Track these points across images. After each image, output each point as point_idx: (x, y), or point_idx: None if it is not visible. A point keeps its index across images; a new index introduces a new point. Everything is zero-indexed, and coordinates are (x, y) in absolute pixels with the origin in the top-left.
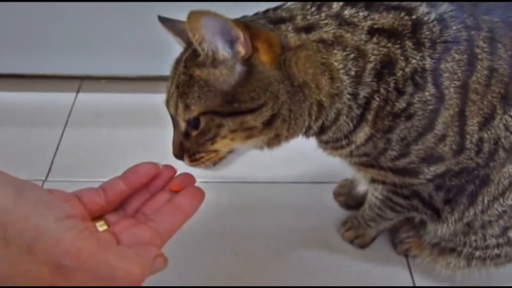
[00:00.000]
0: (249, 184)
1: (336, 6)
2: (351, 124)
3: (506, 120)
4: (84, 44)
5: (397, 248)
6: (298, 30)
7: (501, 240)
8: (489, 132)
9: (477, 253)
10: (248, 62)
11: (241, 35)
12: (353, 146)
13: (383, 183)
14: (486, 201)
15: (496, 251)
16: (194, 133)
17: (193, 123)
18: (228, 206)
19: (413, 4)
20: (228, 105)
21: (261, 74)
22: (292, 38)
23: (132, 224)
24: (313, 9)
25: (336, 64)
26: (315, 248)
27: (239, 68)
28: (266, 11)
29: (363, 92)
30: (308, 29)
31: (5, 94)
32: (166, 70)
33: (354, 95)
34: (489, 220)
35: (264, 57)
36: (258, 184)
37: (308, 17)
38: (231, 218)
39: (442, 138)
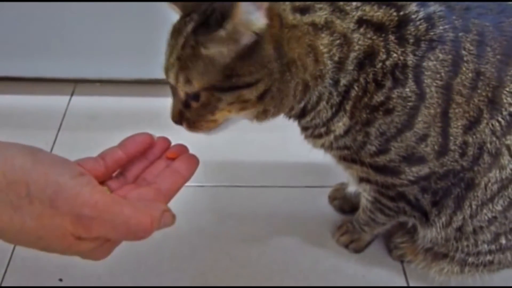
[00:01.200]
0: (244, 188)
1: None
2: (329, 111)
3: (492, 125)
4: (78, 47)
5: (392, 253)
6: (294, 9)
7: (493, 247)
8: (474, 137)
9: (470, 259)
10: (257, 34)
11: (264, 5)
12: (332, 136)
13: (368, 181)
14: (474, 206)
15: (488, 257)
16: (194, 104)
17: (193, 96)
18: (223, 210)
19: (404, 2)
20: (228, 79)
21: (263, 49)
22: (289, 17)
23: (134, 188)
24: None
25: (321, 47)
26: (310, 252)
27: (246, 40)
28: None
29: (344, 80)
30: (304, 10)
31: (0, 97)
32: (161, 74)
33: (335, 81)
34: (480, 226)
35: (270, 30)
36: (253, 189)
37: (307, 2)
38: (226, 223)
39: (423, 138)
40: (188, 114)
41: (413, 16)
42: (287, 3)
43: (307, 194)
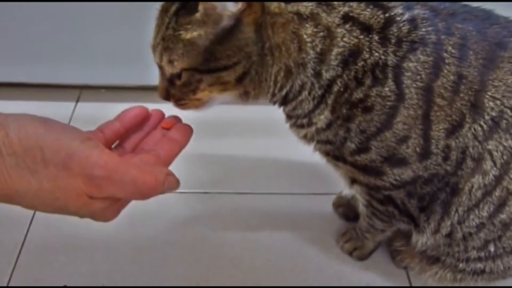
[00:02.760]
0: (248, 195)
1: None
2: (311, 103)
3: (475, 129)
4: (84, 53)
5: (395, 261)
6: None
7: (482, 254)
8: (457, 141)
9: (460, 265)
10: (235, 18)
11: None
12: (314, 128)
13: (355, 181)
14: (461, 212)
15: (479, 265)
16: (177, 82)
17: (177, 75)
18: (227, 217)
19: (392, 4)
20: (207, 62)
21: (240, 33)
22: (273, 4)
23: (134, 156)
24: None
25: (305, 36)
26: (314, 260)
27: (224, 24)
28: None
29: (326, 74)
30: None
31: (4, 102)
32: None
33: (317, 73)
34: (469, 232)
35: (250, 16)
36: (257, 196)
37: None
38: (230, 230)
39: (404, 139)
40: (173, 90)
41: (398, 18)
42: None
43: (311, 201)
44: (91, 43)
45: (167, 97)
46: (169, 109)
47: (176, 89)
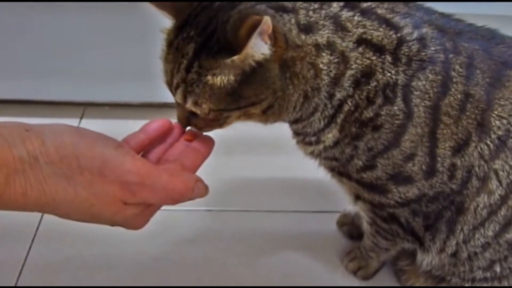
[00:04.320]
0: (252, 213)
1: (336, 6)
2: (322, 122)
3: (481, 148)
4: (88, 70)
5: (400, 280)
6: (299, 28)
7: (488, 274)
8: (462, 159)
9: (466, 285)
10: (264, 59)
11: (270, 28)
12: (322, 146)
13: (358, 197)
14: (466, 231)
15: (485, 285)
16: (202, 116)
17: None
18: (230, 235)
19: (402, 22)
20: (235, 102)
21: (268, 72)
22: (295, 37)
23: (161, 165)
24: (316, 5)
25: (321, 65)
26: (318, 279)
27: (253, 64)
28: None
29: (339, 95)
30: (308, 29)
31: (10, 119)
32: (170, 97)
33: (330, 95)
34: (475, 252)
35: (277, 52)
36: (261, 213)
37: (310, 13)
38: (233, 248)
39: (411, 157)
40: (195, 120)
41: (408, 38)
42: (293, 21)
43: (315, 219)
44: (96, 60)
45: (187, 125)
46: None
47: (200, 120)
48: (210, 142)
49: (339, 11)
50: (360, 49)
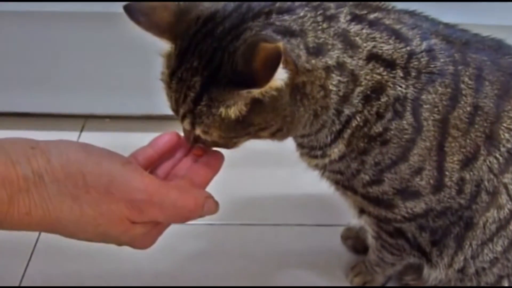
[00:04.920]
0: (255, 226)
1: (343, 20)
2: (328, 138)
3: (490, 161)
4: (88, 82)
5: None
6: (309, 51)
7: None
8: (471, 173)
9: None
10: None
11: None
12: (327, 160)
13: (362, 211)
14: (474, 246)
15: None
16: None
17: None
18: (232, 249)
19: (410, 34)
20: (245, 129)
21: (280, 98)
22: (304, 62)
23: (169, 181)
24: (324, 24)
25: (331, 87)
26: None
27: (270, 95)
28: (268, 13)
29: (347, 111)
30: (317, 52)
31: (9, 132)
32: (170, 110)
33: (339, 112)
34: (483, 267)
35: (288, 78)
36: (264, 227)
37: (319, 34)
38: (236, 263)
39: (418, 171)
40: (203, 141)
41: (417, 50)
42: (301, 46)
43: (319, 233)
44: (96, 72)
45: (195, 144)
46: None
47: (208, 142)
48: (220, 157)
49: (348, 26)
50: (370, 65)
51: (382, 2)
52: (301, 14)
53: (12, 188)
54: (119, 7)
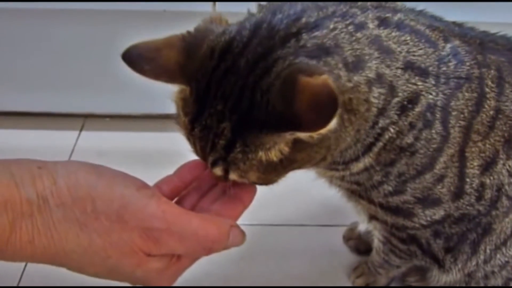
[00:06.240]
0: (255, 227)
1: (372, 26)
2: (356, 153)
3: (509, 165)
4: (87, 82)
5: None
6: (348, 68)
7: None
8: (491, 178)
9: None
10: None
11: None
12: (348, 173)
13: (376, 219)
14: (488, 251)
15: None
16: None
17: None
18: (232, 250)
19: (433, 36)
20: (285, 168)
21: (326, 133)
22: (346, 81)
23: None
24: (358, 34)
25: (372, 99)
26: None
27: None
28: (297, 33)
29: (382, 123)
30: (357, 66)
31: (8, 131)
32: (171, 109)
33: (374, 124)
34: (492, 271)
35: None
36: (264, 227)
37: (355, 46)
38: (235, 264)
39: (441, 179)
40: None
41: (443, 53)
42: (340, 65)
43: (321, 233)
44: (95, 71)
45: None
46: None
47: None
48: (252, 189)
49: (378, 31)
50: (406, 75)
51: (393, 2)
52: (331, 26)
53: (14, 213)
54: (119, 5)
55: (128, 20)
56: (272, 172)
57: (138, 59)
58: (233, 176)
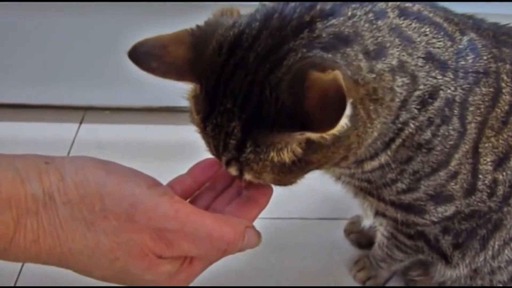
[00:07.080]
0: (257, 220)
1: (392, 15)
2: (372, 151)
3: None
4: (87, 74)
5: None
6: (370, 56)
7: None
8: (504, 174)
9: None
10: None
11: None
12: (360, 170)
13: (384, 216)
14: (496, 246)
15: None
16: None
17: None
18: None
19: (450, 29)
20: (302, 169)
21: (341, 132)
22: (368, 73)
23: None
24: (379, 22)
25: (397, 88)
26: None
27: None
28: (311, 22)
29: (403, 117)
30: (379, 54)
31: (8, 124)
32: (171, 101)
33: (396, 118)
34: (499, 266)
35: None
36: (265, 221)
37: (376, 34)
38: (237, 258)
39: (454, 176)
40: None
41: (461, 47)
42: (360, 55)
43: (322, 227)
44: (96, 63)
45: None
46: None
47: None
48: (268, 189)
49: (398, 21)
50: (427, 67)
51: None
52: (349, 13)
53: (19, 210)
54: None
55: (128, 12)
56: (287, 174)
57: (145, 56)
58: (247, 176)
